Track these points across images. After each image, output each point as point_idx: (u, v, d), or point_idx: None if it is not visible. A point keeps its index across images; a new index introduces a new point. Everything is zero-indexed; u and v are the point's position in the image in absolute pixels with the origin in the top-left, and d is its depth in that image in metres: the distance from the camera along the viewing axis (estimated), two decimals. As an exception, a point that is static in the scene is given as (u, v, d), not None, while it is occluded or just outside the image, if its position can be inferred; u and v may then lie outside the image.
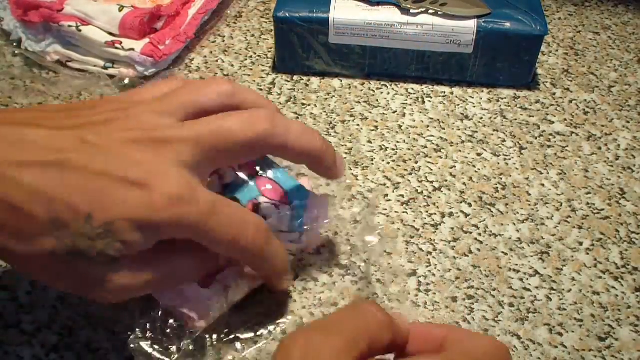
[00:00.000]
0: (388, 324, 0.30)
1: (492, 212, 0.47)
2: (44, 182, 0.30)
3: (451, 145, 0.51)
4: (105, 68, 0.54)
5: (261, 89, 0.55)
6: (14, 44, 0.56)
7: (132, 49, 0.53)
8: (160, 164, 0.32)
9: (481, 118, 0.54)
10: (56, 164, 0.31)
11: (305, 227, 0.41)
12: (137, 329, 0.36)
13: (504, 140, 0.52)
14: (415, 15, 0.53)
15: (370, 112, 0.54)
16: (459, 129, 0.53)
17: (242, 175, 0.40)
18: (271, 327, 0.40)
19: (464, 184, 0.49)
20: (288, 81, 0.56)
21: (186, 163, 0.33)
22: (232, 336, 0.39)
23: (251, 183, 0.40)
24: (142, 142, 0.32)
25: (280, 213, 0.40)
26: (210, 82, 0.36)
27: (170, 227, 0.32)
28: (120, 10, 0.54)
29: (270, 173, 0.41)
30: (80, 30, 0.54)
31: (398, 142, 0.51)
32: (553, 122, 0.54)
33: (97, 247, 0.31)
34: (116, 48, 0.53)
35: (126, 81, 0.54)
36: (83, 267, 0.31)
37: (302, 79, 0.56)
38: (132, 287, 0.33)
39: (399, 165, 0.50)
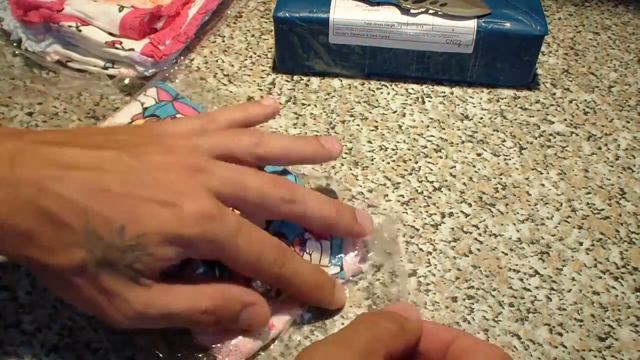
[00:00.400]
0: (399, 333, 0.32)
1: (492, 212, 0.47)
2: (82, 195, 0.32)
3: (451, 145, 0.51)
4: (105, 68, 0.54)
5: (261, 89, 0.55)
6: (14, 44, 0.56)
7: (132, 49, 0.53)
8: (192, 186, 0.34)
9: (481, 118, 0.54)
10: (94, 179, 0.32)
11: (344, 260, 0.41)
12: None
13: (504, 140, 0.52)
14: (415, 15, 0.53)
15: (370, 112, 0.54)
16: (459, 129, 0.53)
17: None
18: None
19: (464, 184, 0.49)
20: (288, 81, 0.56)
21: (216, 191, 0.35)
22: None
23: None
24: (175, 167, 0.35)
25: (323, 248, 0.41)
26: (243, 132, 0.40)
27: (199, 243, 0.33)
28: (120, 11, 0.54)
29: None
30: (80, 31, 0.54)
31: (398, 142, 0.51)
32: (553, 122, 0.54)
33: (126, 260, 0.32)
34: (116, 48, 0.53)
35: (126, 81, 0.54)
36: (107, 282, 0.32)
37: (302, 79, 0.56)
38: (149, 314, 0.33)
39: (399, 165, 0.50)
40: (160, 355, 0.38)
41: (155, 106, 0.46)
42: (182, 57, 0.57)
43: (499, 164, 0.50)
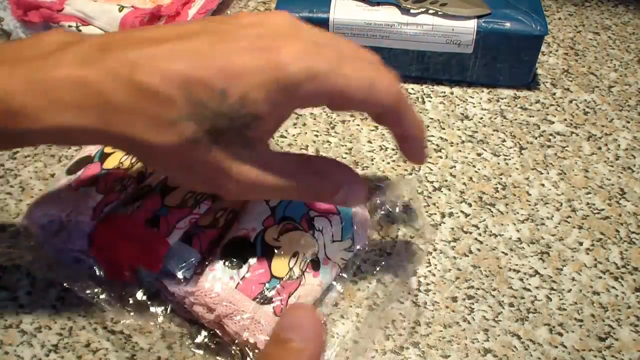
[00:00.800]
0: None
1: (492, 212, 0.47)
2: (177, 64, 0.30)
3: (451, 145, 0.51)
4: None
5: (261, 89, 0.55)
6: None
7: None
8: (286, 33, 0.32)
9: (481, 118, 0.54)
10: (186, 46, 0.31)
11: (356, 233, 0.42)
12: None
13: (504, 140, 0.52)
14: (415, 15, 0.53)
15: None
16: (459, 129, 0.53)
17: None
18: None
19: (464, 184, 0.49)
20: (288, 81, 0.56)
21: (313, 41, 0.33)
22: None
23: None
24: (266, 24, 0.33)
25: (332, 223, 0.41)
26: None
27: (303, 82, 0.31)
28: (120, 11, 0.54)
29: None
30: (80, 30, 0.54)
31: (398, 142, 0.51)
32: (553, 122, 0.54)
33: (235, 126, 0.31)
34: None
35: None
36: (221, 153, 0.31)
37: (302, 79, 0.56)
38: (260, 184, 0.33)
39: (399, 165, 0.50)
40: (160, 355, 0.38)
41: None
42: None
43: (499, 164, 0.50)
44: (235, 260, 0.38)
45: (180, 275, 0.38)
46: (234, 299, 0.37)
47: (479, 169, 0.50)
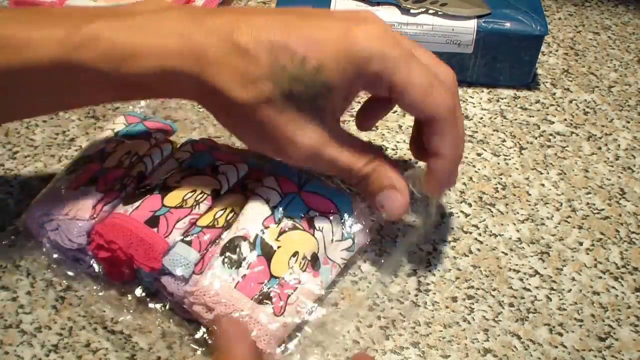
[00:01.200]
0: None
1: (492, 212, 0.47)
2: (269, 31, 0.34)
3: (451, 145, 0.51)
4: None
5: (261, 89, 0.55)
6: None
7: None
8: (366, 15, 0.36)
9: (481, 118, 0.54)
10: (279, 19, 0.35)
11: (356, 234, 0.41)
12: None
13: (504, 140, 0.52)
14: (415, 15, 0.53)
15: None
16: (459, 129, 0.53)
17: (289, 193, 0.41)
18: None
19: (464, 184, 0.49)
20: (288, 81, 0.56)
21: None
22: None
23: (298, 200, 0.41)
24: (349, 17, 0.36)
25: (332, 223, 0.41)
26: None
27: (373, 60, 0.34)
28: (120, 10, 0.54)
29: (309, 186, 0.42)
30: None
31: (398, 142, 0.51)
32: (553, 122, 0.54)
33: (309, 93, 0.34)
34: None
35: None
36: (292, 115, 0.35)
37: (302, 79, 0.56)
38: (320, 154, 0.37)
39: (399, 165, 0.50)
40: (160, 355, 0.38)
41: (125, 129, 0.47)
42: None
43: (499, 164, 0.50)
44: (234, 259, 0.38)
45: (179, 274, 0.38)
46: (233, 297, 0.37)
47: (479, 169, 0.50)
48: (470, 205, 0.47)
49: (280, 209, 0.41)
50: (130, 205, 0.40)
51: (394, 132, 0.52)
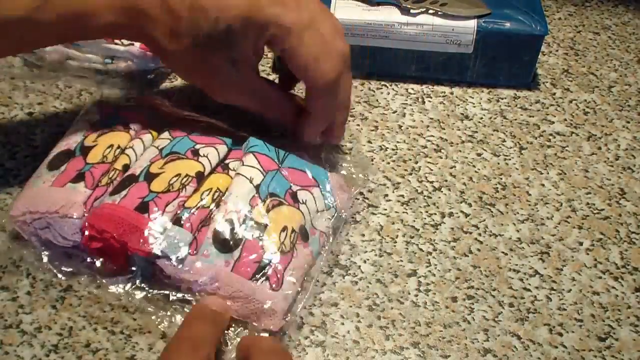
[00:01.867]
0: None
1: (492, 212, 0.47)
2: None
3: (451, 145, 0.51)
4: (105, 64, 0.54)
5: (261, 89, 0.55)
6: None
7: (132, 44, 0.53)
8: None
9: (481, 118, 0.54)
10: None
11: (336, 202, 0.43)
12: None
13: (504, 140, 0.52)
14: (415, 15, 0.53)
15: (370, 112, 0.54)
16: (459, 129, 0.53)
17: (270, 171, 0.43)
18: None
19: (464, 184, 0.49)
20: (288, 81, 0.56)
21: None
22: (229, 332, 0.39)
23: (279, 176, 0.43)
24: None
25: (314, 195, 0.43)
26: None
27: (270, 25, 0.40)
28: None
29: (287, 162, 0.44)
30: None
31: (398, 142, 0.51)
32: (553, 122, 0.54)
33: (223, 45, 0.41)
34: (115, 43, 0.53)
35: (124, 75, 0.54)
36: (213, 60, 0.41)
37: (302, 79, 0.56)
38: (239, 93, 0.44)
39: (399, 165, 0.50)
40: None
41: (103, 120, 0.46)
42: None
43: (499, 164, 0.50)
44: (227, 242, 0.39)
45: (173, 257, 0.38)
46: (231, 281, 0.38)
47: (479, 169, 0.50)
48: (470, 205, 0.47)
49: (264, 186, 0.42)
50: (117, 194, 0.41)
51: (394, 132, 0.52)
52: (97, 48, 0.54)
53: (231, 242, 0.39)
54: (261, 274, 0.38)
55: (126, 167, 0.43)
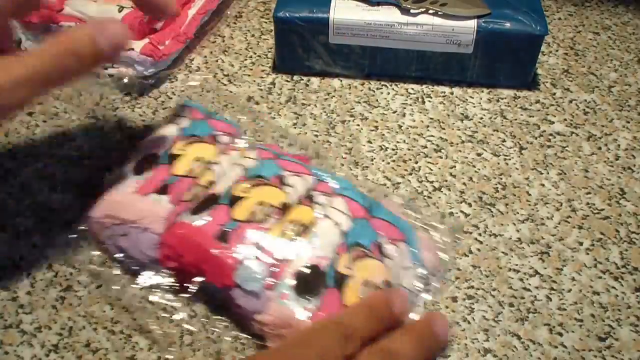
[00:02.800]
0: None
1: (492, 212, 0.47)
2: None
3: (451, 145, 0.51)
4: (105, 67, 0.54)
5: (261, 89, 0.55)
6: (14, 45, 0.56)
7: (132, 49, 0.53)
8: None
9: (481, 118, 0.54)
10: None
11: (424, 260, 0.41)
12: None
13: (504, 140, 0.52)
14: (415, 15, 0.53)
15: (370, 112, 0.54)
16: (459, 129, 0.53)
17: (358, 218, 0.41)
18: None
19: (464, 184, 0.49)
20: (288, 81, 0.56)
21: None
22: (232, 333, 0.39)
23: (367, 225, 0.41)
24: None
25: (401, 249, 0.40)
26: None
27: None
28: (119, 11, 0.54)
29: (376, 212, 0.42)
30: (80, 31, 0.54)
31: (398, 142, 0.51)
32: (553, 122, 0.54)
33: None
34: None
35: (125, 80, 0.54)
36: None
37: (302, 79, 0.56)
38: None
39: (399, 165, 0.50)
40: (160, 355, 0.38)
41: (191, 127, 0.46)
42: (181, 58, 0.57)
43: (499, 164, 0.50)
44: (307, 289, 0.37)
45: (250, 289, 0.37)
46: None
47: (479, 169, 0.50)
48: (470, 205, 0.47)
49: (352, 234, 0.40)
50: (198, 215, 0.40)
51: (394, 132, 0.52)
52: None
53: (313, 289, 0.37)
54: None
55: (211, 184, 0.42)
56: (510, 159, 0.51)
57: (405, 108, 0.54)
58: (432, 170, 0.49)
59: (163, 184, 0.42)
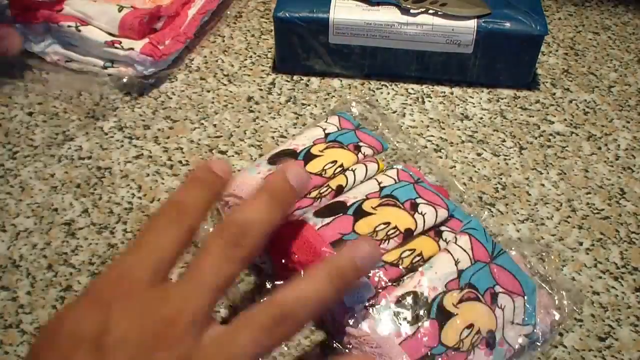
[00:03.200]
0: None
1: (492, 212, 0.47)
2: None
3: (451, 145, 0.51)
4: (105, 67, 0.54)
5: (261, 89, 0.55)
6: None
7: (132, 49, 0.53)
8: None
9: (481, 118, 0.54)
10: None
11: (537, 321, 0.39)
12: None
13: (504, 140, 0.52)
14: (415, 15, 0.53)
15: (370, 112, 0.54)
16: (459, 129, 0.53)
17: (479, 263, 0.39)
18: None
19: (464, 184, 0.49)
20: (288, 81, 0.56)
21: None
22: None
23: (486, 270, 0.39)
24: None
25: (516, 304, 0.38)
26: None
27: None
28: (119, 11, 0.54)
29: (500, 260, 0.40)
30: (79, 31, 0.54)
31: (398, 142, 0.51)
32: (553, 122, 0.54)
33: None
34: (115, 47, 0.53)
35: (125, 79, 0.54)
36: None
37: (302, 79, 0.56)
38: None
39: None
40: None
41: (337, 133, 0.46)
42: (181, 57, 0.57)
43: (499, 164, 0.50)
44: (407, 314, 0.36)
45: (350, 306, 0.36)
46: (394, 353, 0.35)
47: (479, 169, 0.50)
48: (470, 205, 0.47)
49: (468, 275, 0.38)
50: (320, 219, 0.40)
51: (393, 132, 0.52)
52: (97, 51, 0.54)
53: (411, 316, 0.36)
54: None
55: (340, 188, 0.42)
56: (510, 159, 0.50)
57: (405, 108, 0.54)
58: (432, 170, 0.49)
59: None
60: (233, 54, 0.59)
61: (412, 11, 0.53)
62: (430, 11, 0.53)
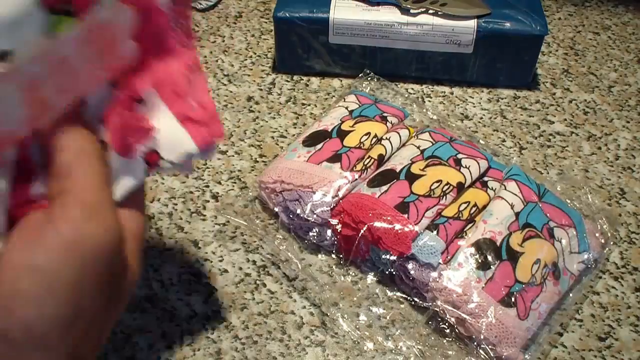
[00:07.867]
0: None
1: (492, 212, 0.47)
2: None
3: (451, 145, 0.51)
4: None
5: (261, 89, 0.55)
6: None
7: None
8: None
9: (481, 118, 0.54)
10: None
11: (590, 247, 0.42)
12: None
13: (504, 140, 0.52)
14: (415, 15, 0.53)
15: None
16: (459, 129, 0.53)
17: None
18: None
19: (464, 184, 0.49)
20: (288, 81, 0.56)
21: None
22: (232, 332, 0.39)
23: (538, 209, 0.42)
24: None
25: (569, 235, 0.42)
26: None
27: None
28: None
29: (546, 198, 0.43)
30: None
31: (398, 142, 0.51)
32: (553, 122, 0.54)
33: None
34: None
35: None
36: None
37: (302, 79, 0.56)
38: None
39: (399, 165, 0.50)
40: (160, 355, 0.38)
41: (360, 109, 0.48)
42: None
43: (499, 164, 0.50)
44: (483, 261, 0.39)
45: (427, 262, 0.39)
46: (480, 299, 0.37)
47: (479, 169, 0.50)
48: (470, 205, 0.47)
49: (524, 215, 0.41)
50: (377, 188, 0.42)
51: (394, 132, 0.52)
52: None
53: (486, 261, 0.39)
54: (510, 299, 0.38)
55: (381, 157, 0.44)
56: (510, 159, 0.50)
57: (405, 108, 0.54)
58: (432, 170, 0.49)
59: (334, 153, 0.44)
60: (233, 54, 0.59)
61: (412, 11, 0.53)
62: (430, 11, 0.53)
